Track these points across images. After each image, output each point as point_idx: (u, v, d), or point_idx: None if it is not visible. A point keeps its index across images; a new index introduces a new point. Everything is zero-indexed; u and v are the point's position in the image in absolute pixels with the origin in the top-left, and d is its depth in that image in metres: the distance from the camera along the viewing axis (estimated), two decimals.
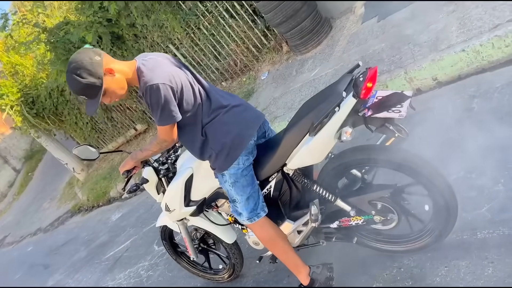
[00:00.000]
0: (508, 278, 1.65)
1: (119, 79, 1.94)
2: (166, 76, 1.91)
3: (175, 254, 3.13)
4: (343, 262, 2.34)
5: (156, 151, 2.20)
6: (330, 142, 1.89)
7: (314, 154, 1.96)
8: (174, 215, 2.54)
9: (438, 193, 1.84)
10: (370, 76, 1.72)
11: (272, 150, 2.07)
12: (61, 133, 10.30)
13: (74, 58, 1.90)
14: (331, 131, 1.84)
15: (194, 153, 2.19)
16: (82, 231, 7.15)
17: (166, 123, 1.94)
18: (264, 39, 6.06)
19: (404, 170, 1.86)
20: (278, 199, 2.26)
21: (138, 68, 1.95)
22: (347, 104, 1.78)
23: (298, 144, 1.96)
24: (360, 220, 2.06)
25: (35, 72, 9.33)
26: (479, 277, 1.73)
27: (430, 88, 3.50)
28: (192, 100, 2.00)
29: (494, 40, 3.08)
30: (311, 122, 1.86)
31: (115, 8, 6.03)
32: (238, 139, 2.04)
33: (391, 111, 1.72)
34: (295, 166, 2.05)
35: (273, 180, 2.19)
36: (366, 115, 1.79)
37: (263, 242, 2.26)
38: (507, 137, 2.28)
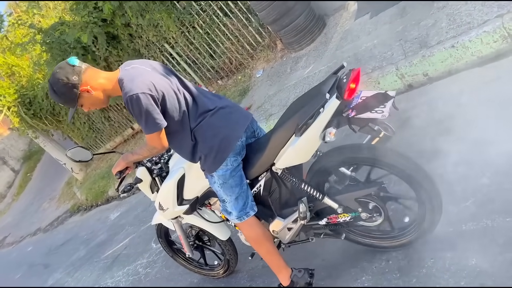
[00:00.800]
0: (491, 268, 1.70)
1: (95, 96, 2.02)
2: (146, 85, 1.94)
3: (172, 251, 3.18)
4: (333, 256, 2.40)
5: (147, 156, 2.25)
6: (316, 142, 1.93)
7: (300, 154, 2.00)
8: (167, 213, 2.59)
9: (422, 191, 1.88)
10: (353, 78, 1.76)
11: (261, 150, 2.11)
12: (59, 133, 10.36)
13: (54, 73, 1.99)
14: (316, 131, 1.88)
15: (185, 157, 2.23)
16: (81, 230, 7.21)
17: (153, 130, 1.98)
18: (259, 37, 6.11)
19: (387, 168, 1.91)
20: (268, 197, 2.31)
21: (120, 79, 2.00)
22: (331, 105, 1.82)
23: (285, 144, 2.00)
24: (348, 217, 2.11)
25: (31, 73, 9.36)
26: (463, 268, 1.78)
27: (422, 84, 3.54)
28: (177, 106, 2.03)
29: (483, 36, 3.12)
30: (296, 123, 1.90)
31: (110, 8, 6.06)
32: (226, 141, 2.07)
33: (374, 112, 1.77)
34: (283, 165, 2.09)
35: (263, 179, 2.23)
36: (350, 115, 1.83)
37: (249, 241, 2.32)
38: (493, 131, 2.33)
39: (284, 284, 2.27)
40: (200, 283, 3.14)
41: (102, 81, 2.02)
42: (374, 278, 2.07)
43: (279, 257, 2.28)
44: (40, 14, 8.92)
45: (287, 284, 2.25)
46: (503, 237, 1.78)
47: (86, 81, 1.97)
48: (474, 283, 1.70)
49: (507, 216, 1.85)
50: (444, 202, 2.03)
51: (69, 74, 1.94)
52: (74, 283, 5.03)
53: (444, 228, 2.01)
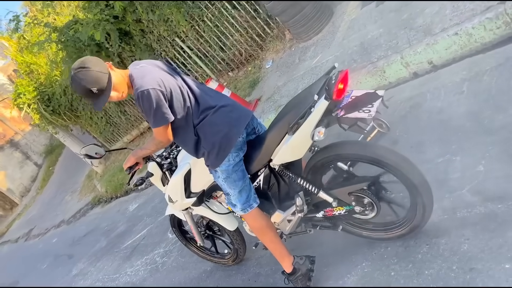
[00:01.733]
0: (481, 253, 1.78)
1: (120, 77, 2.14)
2: (155, 81, 2.07)
3: (185, 240, 3.35)
4: (335, 243, 2.51)
5: (154, 150, 2.40)
6: (307, 141, 2.03)
7: (294, 151, 2.12)
8: (177, 205, 2.74)
9: (414, 188, 1.96)
10: (341, 79, 1.85)
11: (259, 147, 2.24)
12: (78, 128, 10.63)
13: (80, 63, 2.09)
14: (306, 130, 1.98)
15: (189, 152, 2.37)
16: (102, 222, 7.46)
17: (160, 124, 2.11)
18: (267, 28, 6.16)
19: (380, 164, 1.99)
20: (268, 191, 2.44)
21: (130, 75, 2.14)
22: (320, 105, 1.91)
23: (280, 142, 2.12)
24: (342, 210, 2.22)
25: (49, 71, 9.61)
26: (455, 253, 1.87)
27: (426, 72, 3.57)
28: (182, 102, 2.16)
29: (486, 23, 3.13)
30: (288, 122, 2.01)
31: (121, 5, 6.19)
32: (227, 138, 2.19)
33: (362, 111, 1.86)
34: (279, 162, 2.22)
35: (262, 175, 2.37)
36: (339, 115, 1.93)
37: (254, 231, 2.45)
38: (491, 120, 2.38)
39: (287, 271, 2.39)
40: (213, 271, 3.29)
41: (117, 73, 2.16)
42: (373, 264, 2.17)
43: (281, 246, 2.40)
44: (55, 12, 9.11)
45: (289, 270, 2.38)
46: (494, 223, 1.86)
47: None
48: (464, 268, 1.78)
49: (499, 203, 1.92)
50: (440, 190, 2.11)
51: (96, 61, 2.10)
52: (96, 273, 5.27)
53: (440, 215, 2.09)
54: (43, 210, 13.99)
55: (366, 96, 1.95)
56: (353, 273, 2.21)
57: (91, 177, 11.52)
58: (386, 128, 2.00)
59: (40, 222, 12.49)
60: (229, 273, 3.10)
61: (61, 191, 14.11)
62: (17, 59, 9.70)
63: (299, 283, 2.35)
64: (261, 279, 2.75)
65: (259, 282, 2.75)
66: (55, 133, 10.12)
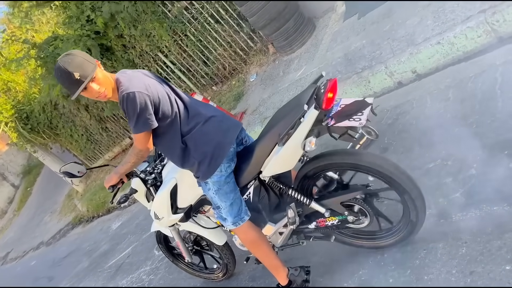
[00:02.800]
0: (480, 256, 1.77)
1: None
2: (143, 85, 2.02)
3: (172, 256, 3.25)
4: (330, 253, 2.46)
5: (135, 162, 2.27)
6: (298, 151, 1.98)
7: (284, 163, 2.07)
8: (163, 222, 2.65)
9: (406, 195, 1.95)
10: (330, 87, 1.84)
11: (248, 159, 2.17)
12: (57, 146, 10.41)
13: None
14: (297, 141, 1.94)
15: (174, 161, 2.27)
16: (84, 242, 7.25)
17: (142, 130, 2.03)
18: (251, 42, 6.19)
19: (371, 172, 1.97)
20: (258, 203, 2.37)
21: (117, 79, 2.07)
22: (310, 115, 1.89)
23: (270, 153, 2.07)
24: (335, 221, 2.18)
25: (27, 88, 9.43)
26: (453, 257, 1.85)
27: (411, 81, 3.61)
28: (169, 108, 2.09)
29: (467, 32, 3.20)
30: (278, 133, 1.98)
31: (102, 21, 6.13)
32: (219, 147, 2.13)
33: (352, 120, 1.84)
34: (269, 174, 2.16)
35: (251, 187, 2.30)
36: (329, 124, 1.90)
37: (246, 245, 2.37)
38: (479, 124, 2.41)
39: (282, 284, 2.34)
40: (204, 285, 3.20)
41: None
42: (370, 272, 2.14)
43: (275, 258, 2.34)
44: (33, 29, 8.99)
45: (285, 283, 2.32)
46: (490, 225, 1.85)
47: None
48: (464, 271, 1.76)
49: (493, 205, 1.92)
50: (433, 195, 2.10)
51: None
52: None
53: (435, 220, 2.08)
54: (20, 232, 13.54)
55: (355, 104, 1.94)
56: (350, 282, 2.17)
57: (71, 196, 11.25)
58: (375, 135, 1.98)
59: (17, 245, 12.08)
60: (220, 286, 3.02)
61: (39, 212, 13.71)
62: None
63: None
64: None
65: None
66: (34, 152, 9.89)
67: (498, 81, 2.66)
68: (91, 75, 1.96)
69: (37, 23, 8.98)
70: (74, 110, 8.69)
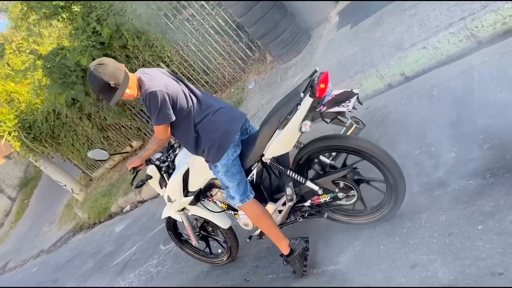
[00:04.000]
0: (457, 220, 2.05)
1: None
2: (163, 84, 2.36)
3: (180, 242, 3.52)
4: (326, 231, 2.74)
5: (156, 149, 2.64)
6: (295, 133, 2.32)
7: (284, 144, 2.40)
8: (175, 205, 2.94)
9: (388, 173, 2.25)
10: (322, 79, 2.16)
11: (252, 144, 2.50)
12: (58, 155, 10.60)
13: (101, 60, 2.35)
14: (295, 124, 2.27)
15: (188, 148, 2.61)
16: (87, 246, 7.42)
17: (162, 123, 2.37)
18: (249, 51, 6.52)
19: (357, 153, 2.28)
20: (261, 184, 2.70)
21: (139, 78, 2.41)
22: (305, 102, 2.22)
23: (271, 138, 2.39)
24: (327, 197, 2.49)
25: (30, 99, 9.68)
26: (435, 223, 2.13)
27: (400, 83, 3.93)
28: (185, 103, 2.43)
29: (450, 37, 3.53)
30: (278, 119, 2.29)
31: (108, 31, 6.45)
32: (226, 135, 2.45)
33: (341, 106, 2.17)
34: (270, 155, 2.48)
35: (255, 169, 2.62)
36: (321, 110, 2.22)
37: (252, 220, 2.67)
38: (459, 115, 2.72)
39: (285, 253, 2.61)
40: (210, 271, 3.44)
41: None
42: (363, 243, 2.41)
43: (278, 230, 2.63)
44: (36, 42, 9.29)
45: (287, 252, 2.59)
46: (466, 196, 2.14)
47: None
48: (444, 233, 2.04)
49: (469, 180, 2.21)
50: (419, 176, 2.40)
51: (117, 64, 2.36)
52: None
53: (420, 196, 2.37)
54: (18, 243, 13.58)
55: (344, 94, 2.27)
56: (346, 252, 2.44)
57: (70, 205, 11.38)
58: (362, 124, 2.33)
59: (16, 255, 12.12)
60: (227, 270, 3.26)
61: (37, 223, 13.78)
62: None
63: (297, 263, 2.56)
64: (259, 271, 2.94)
65: (257, 274, 2.92)
66: (36, 161, 10.07)
67: (475, 79, 2.98)
68: (126, 83, 2.30)
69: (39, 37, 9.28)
70: (76, 119, 8.94)
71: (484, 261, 1.78)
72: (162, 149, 3.08)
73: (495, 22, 3.28)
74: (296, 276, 2.60)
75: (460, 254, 1.88)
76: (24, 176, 19.81)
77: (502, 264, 1.72)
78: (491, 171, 2.15)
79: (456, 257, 1.89)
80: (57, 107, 8.56)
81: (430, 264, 1.95)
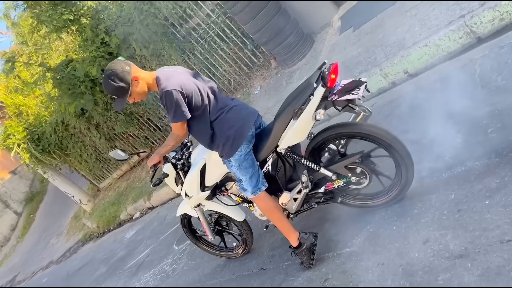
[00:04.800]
0: (465, 198, 2.18)
1: (142, 85, 2.56)
2: (178, 83, 2.50)
3: (195, 239, 3.63)
4: (339, 217, 2.86)
5: (174, 145, 2.77)
6: (309, 123, 2.47)
7: (298, 134, 2.54)
8: (193, 200, 3.07)
9: (397, 154, 2.39)
10: (333, 70, 2.31)
11: (267, 136, 2.64)
12: (66, 167, 10.74)
13: (110, 67, 2.53)
14: (309, 114, 2.42)
15: (204, 144, 2.76)
16: (98, 253, 7.51)
17: (178, 120, 2.52)
18: (254, 58, 6.69)
19: (369, 138, 2.42)
20: (276, 175, 2.84)
21: (157, 77, 2.56)
22: (318, 92, 2.37)
23: (286, 128, 2.53)
24: (341, 183, 2.62)
25: (38, 111, 9.87)
26: (445, 202, 2.26)
27: (403, 80, 4.08)
28: (199, 101, 2.58)
29: (450, 34, 3.69)
30: (293, 109, 2.44)
31: (117, 41, 6.64)
32: (240, 132, 2.60)
33: (351, 94, 2.31)
34: (285, 145, 2.62)
35: (270, 160, 2.77)
36: (333, 99, 2.37)
37: (263, 211, 2.80)
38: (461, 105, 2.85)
39: (294, 245, 2.73)
40: (227, 264, 3.55)
41: (145, 75, 2.59)
42: (376, 225, 2.53)
43: (288, 223, 2.76)
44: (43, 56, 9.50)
45: (296, 244, 2.72)
46: (473, 175, 2.27)
47: (134, 72, 2.53)
48: (453, 210, 2.16)
49: (475, 161, 2.34)
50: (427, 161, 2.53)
51: (123, 65, 2.51)
52: None
53: (429, 179, 2.49)
54: (26, 256, 13.65)
55: (353, 83, 2.42)
56: (359, 235, 2.56)
57: (78, 217, 11.48)
58: (369, 112, 2.48)
59: (24, 268, 12.19)
60: (243, 261, 3.37)
61: (44, 236, 13.86)
62: (6, 101, 9.93)
63: (304, 256, 2.69)
64: (275, 259, 3.05)
65: (274, 262, 3.03)
66: (44, 173, 10.21)
67: (477, 72, 3.13)
68: (127, 91, 2.50)
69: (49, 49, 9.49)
70: (84, 130, 9.10)
71: (492, 231, 1.90)
72: (176, 148, 3.21)
73: (493, 19, 3.44)
74: (303, 267, 2.72)
75: (469, 227, 2.00)
76: (30, 190, 19.93)
77: (510, 232, 1.83)
78: (495, 152, 2.28)
79: (466, 230, 2.00)
80: (66, 118, 8.73)
81: (441, 238, 2.07)
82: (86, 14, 6.90)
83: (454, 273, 1.86)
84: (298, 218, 2.94)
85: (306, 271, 2.68)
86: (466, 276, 1.80)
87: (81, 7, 6.90)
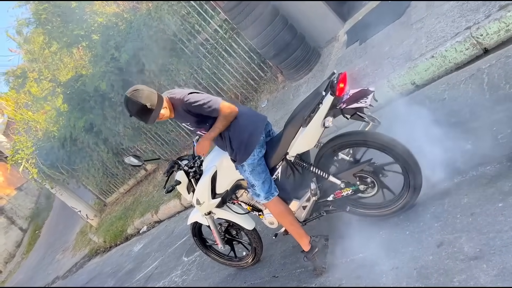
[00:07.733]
0: (478, 201, 2.20)
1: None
2: (190, 90, 2.64)
3: (205, 248, 3.64)
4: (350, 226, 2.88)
5: (225, 124, 2.66)
6: (318, 130, 2.52)
7: (308, 141, 2.60)
8: (204, 207, 3.10)
9: (404, 162, 2.42)
10: (341, 79, 2.38)
11: (276, 144, 2.70)
12: (73, 182, 10.80)
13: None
14: (318, 121, 2.48)
15: (219, 147, 2.82)
16: (105, 267, 7.50)
17: (219, 101, 2.60)
18: (261, 72, 6.79)
19: (375, 147, 2.47)
20: (285, 182, 2.87)
21: (171, 98, 2.68)
22: (327, 100, 2.43)
23: (295, 135, 2.59)
24: (349, 191, 2.65)
25: (47, 126, 9.98)
26: (457, 206, 2.28)
27: (410, 92, 4.13)
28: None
29: (456, 45, 3.75)
30: (302, 117, 2.49)
31: (126, 57, 6.77)
32: (252, 136, 2.67)
33: (359, 102, 2.37)
34: (295, 152, 2.68)
35: (280, 167, 2.81)
36: (342, 107, 2.42)
37: (276, 216, 2.83)
38: (471, 112, 2.89)
39: (305, 249, 2.76)
40: (237, 273, 3.55)
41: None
42: (389, 231, 2.55)
43: (300, 227, 2.79)
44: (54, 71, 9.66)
45: (307, 249, 2.75)
46: (485, 180, 2.30)
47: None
48: (466, 214, 2.19)
49: (487, 166, 2.37)
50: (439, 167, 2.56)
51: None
52: None
53: (441, 184, 2.51)
54: (31, 272, 13.62)
55: (361, 92, 2.48)
56: (372, 241, 2.57)
57: (84, 232, 11.48)
58: (378, 122, 2.53)
59: (30, 284, 12.15)
60: (255, 270, 3.38)
61: (50, 252, 13.85)
62: (16, 117, 10.07)
63: (316, 259, 2.70)
64: (287, 267, 3.06)
65: (286, 270, 3.04)
66: (52, 188, 10.27)
67: (485, 81, 3.17)
68: (161, 103, 2.58)
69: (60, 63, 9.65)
70: (92, 145, 9.17)
71: (507, 233, 1.92)
72: (189, 157, 3.25)
73: (499, 30, 3.50)
74: (316, 273, 2.73)
75: (483, 230, 2.03)
76: (35, 207, 19.99)
77: None
78: (506, 157, 2.31)
79: (480, 233, 2.03)
80: (74, 133, 8.82)
81: (455, 241, 2.09)
82: (96, 30, 7.05)
83: (470, 274, 1.88)
84: (309, 225, 2.95)
85: (319, 277, 2.69)
86: (482, 276, 1.82)
87: (91, 24, 7.06)
